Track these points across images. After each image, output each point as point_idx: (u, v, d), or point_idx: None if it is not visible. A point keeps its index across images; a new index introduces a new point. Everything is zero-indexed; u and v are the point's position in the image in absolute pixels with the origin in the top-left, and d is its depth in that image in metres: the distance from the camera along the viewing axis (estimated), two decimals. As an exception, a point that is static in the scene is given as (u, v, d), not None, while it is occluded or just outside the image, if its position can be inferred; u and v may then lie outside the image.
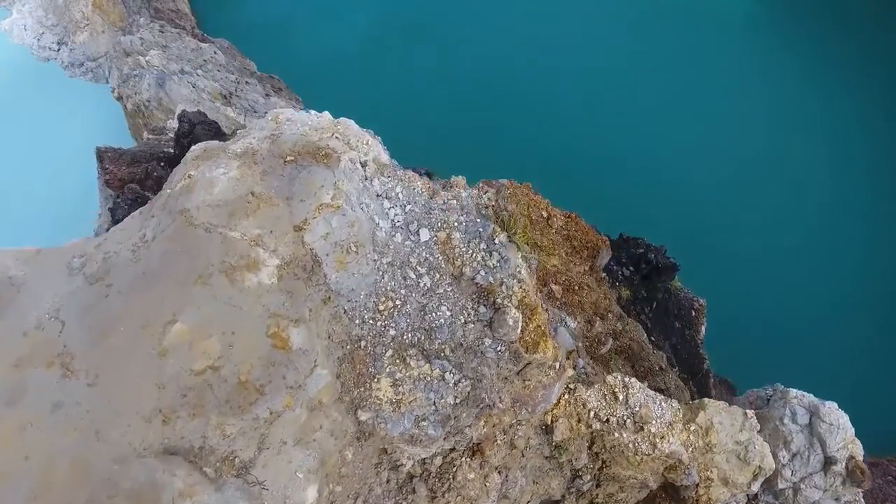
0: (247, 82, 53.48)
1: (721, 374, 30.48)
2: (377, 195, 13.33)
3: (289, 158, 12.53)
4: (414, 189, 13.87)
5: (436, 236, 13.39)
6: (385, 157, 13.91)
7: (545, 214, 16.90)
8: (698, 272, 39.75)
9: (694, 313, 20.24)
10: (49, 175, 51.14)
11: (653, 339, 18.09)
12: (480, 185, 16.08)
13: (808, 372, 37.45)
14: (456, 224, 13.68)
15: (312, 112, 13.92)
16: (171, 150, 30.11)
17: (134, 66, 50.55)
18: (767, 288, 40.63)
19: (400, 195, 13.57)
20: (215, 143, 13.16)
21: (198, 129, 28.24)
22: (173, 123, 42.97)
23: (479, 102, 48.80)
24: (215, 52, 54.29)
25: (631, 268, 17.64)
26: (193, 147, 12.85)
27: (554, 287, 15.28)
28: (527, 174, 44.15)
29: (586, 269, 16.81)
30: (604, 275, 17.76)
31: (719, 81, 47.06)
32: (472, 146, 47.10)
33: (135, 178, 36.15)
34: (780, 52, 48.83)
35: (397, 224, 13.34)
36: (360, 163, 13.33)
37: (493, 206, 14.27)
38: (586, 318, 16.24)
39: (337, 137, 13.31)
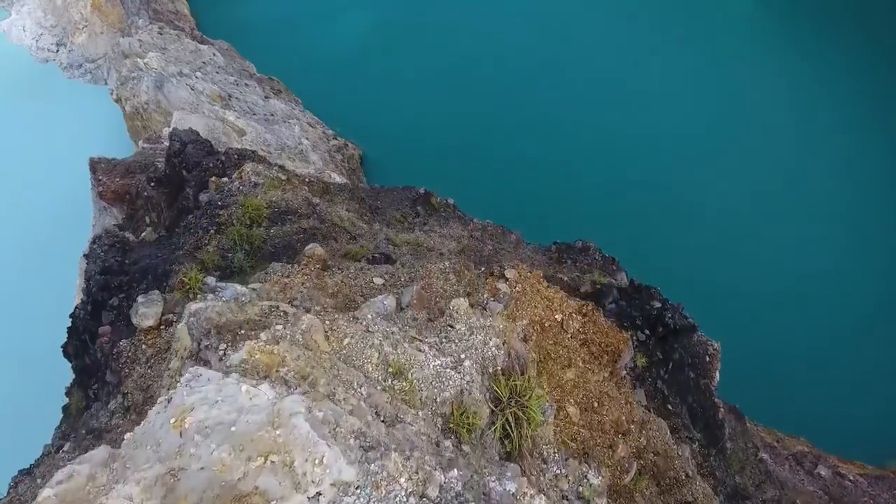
0: (246, 84, 50.40)
1: (728, 401, 28.19)
2: (338, 534, 7.86)
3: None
4: (396, 498, 8.17)
5: None
6: (349, 470, 7.95)
7: (559, 318, 13.17)
8: (700, 287, 38.38)
9: (708, 359, 17.25)
10: (48, 176, 48.38)
11: (670, 407, 15.22)
12: (486, 294, 12.12)
13: (816, 379, 36.15)
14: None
15: (243, 388, 8.05)
16: (163, 168, 27.03)
17: (132, 69, 47.47)
18: (773, 304, 38.26)
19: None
20: (76, 484, 7.27)
21: (189, 148, 25.23)
22: (169, 131, 40.09)
23: (479, 107, 46.18)
24: (214, 54, 51.10)
25: (647, 331, 14.60)
26: (45, 495, 7.05)
27: (570, 409, 12.10)
28: (530, 190, 42.04)
29: (606, 375, 13.68)
30: (624, 373, 14.62)
31: (732, 100, 44.12)
32: (471, 150, 44.56)
33: (126, 193, 33.32)
34: (787, 62, 45.96)
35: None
36: (311, 496, 7.86)
37: (503, 362, 10.52)
38: (608, 443, 13.09)
39: (273, 460, 7.61)
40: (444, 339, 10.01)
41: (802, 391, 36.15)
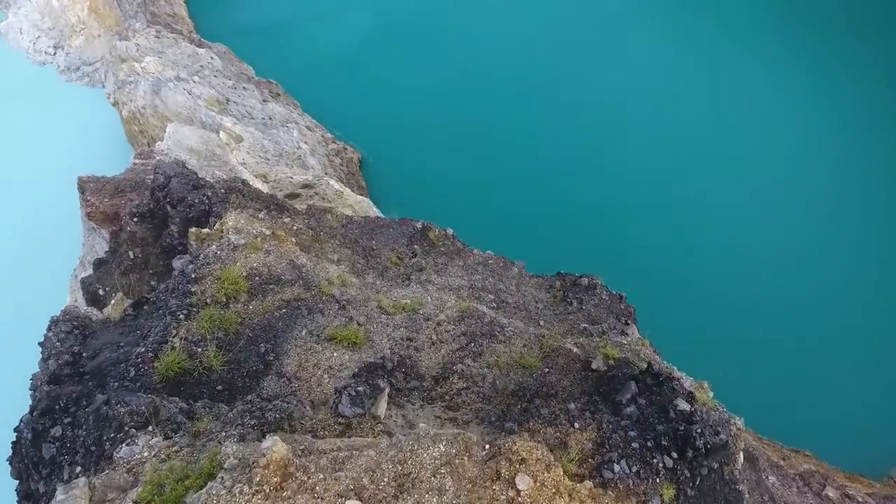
0: (244, 88, 47.94)
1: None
2: None
3: None
4: None
5: None
6: None
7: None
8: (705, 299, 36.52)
9: (731, 439, 14.72)
10: (46, 180, 46.19)
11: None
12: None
13: (818, 388, 34.48)
14: None
15: None
16: (147, 202, 24.72)
17: (129, 73, 45.14)
18: (775, 314, 36.40)
19: None
20: None
21: (173, 182, 22.95)
22: (162, 146, 37.79)
23: (478, 108, 44.03)
24: (212, 58, 48.56)
25: (674, 454, 12.17)
26: None
27: None
28: (531, 191, 39.79)
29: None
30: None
31: (737, 117, 41.88)
32: (471, 152, 42.49)
33: (116, 215, 31.05)
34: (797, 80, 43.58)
35: None
36: None
37: None
38: None
39: None
40: None
41: (805, 401, 34.54)
